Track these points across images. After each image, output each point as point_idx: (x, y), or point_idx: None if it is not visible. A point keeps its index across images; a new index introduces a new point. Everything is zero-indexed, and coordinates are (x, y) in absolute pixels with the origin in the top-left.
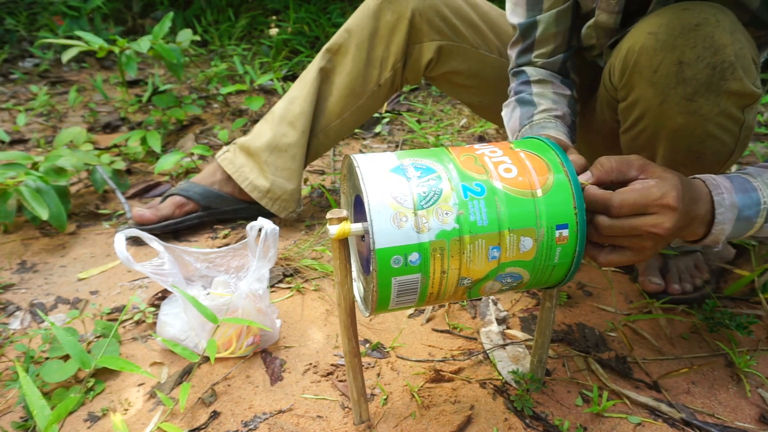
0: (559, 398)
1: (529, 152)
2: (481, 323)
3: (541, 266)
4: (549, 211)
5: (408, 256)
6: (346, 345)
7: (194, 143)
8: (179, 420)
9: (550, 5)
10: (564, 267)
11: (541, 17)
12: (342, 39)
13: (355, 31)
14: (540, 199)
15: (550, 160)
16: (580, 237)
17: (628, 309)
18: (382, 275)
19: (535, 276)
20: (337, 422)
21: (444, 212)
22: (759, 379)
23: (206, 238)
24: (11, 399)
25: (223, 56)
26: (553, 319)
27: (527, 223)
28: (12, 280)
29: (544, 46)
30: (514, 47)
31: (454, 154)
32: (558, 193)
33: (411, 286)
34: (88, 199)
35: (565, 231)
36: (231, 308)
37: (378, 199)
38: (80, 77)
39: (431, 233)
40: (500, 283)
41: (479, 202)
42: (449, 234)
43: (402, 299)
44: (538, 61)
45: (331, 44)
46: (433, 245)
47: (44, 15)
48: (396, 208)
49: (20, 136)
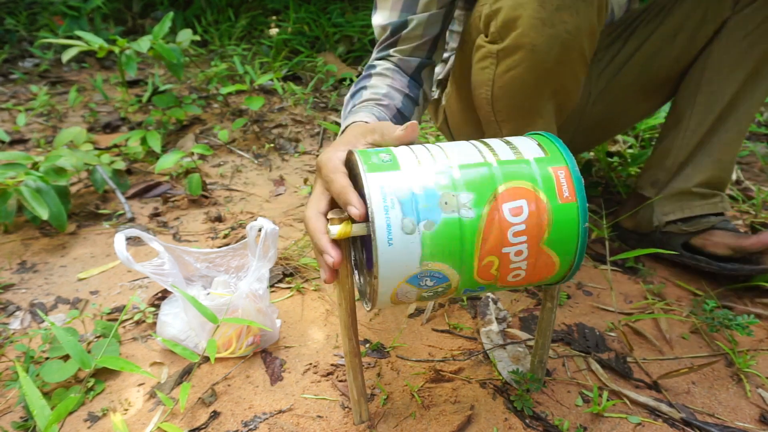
0: (559, 398)
1: (552, 254)
2: (481, 323)
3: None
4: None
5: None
6: (347, 345)
7: (194, 143)
8: (179, 420)
9: (424, 8)
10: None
11: (412, 17)
12: None
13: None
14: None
15: (563, 262)
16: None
17: (628, 309)
18: (382, 297)
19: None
20: (337, 422)
21: (439, 301)
22: (759, 379)
23: (206, 238)
24: (11, 399)
25: (223, 56)
26: (554, 319)
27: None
28: (12, 280)
29: (406, 43)
30: (380, 45)
31: (477, 254)
32: (549, 280)
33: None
34: (88, 199)
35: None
36: (231, 308)
37: (384, 299)
38: (80, 77)
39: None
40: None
41: (474, 291)
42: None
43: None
44: (394, 57)
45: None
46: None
47: (44, 15)
48: (396, 303)
49: (20, 136)
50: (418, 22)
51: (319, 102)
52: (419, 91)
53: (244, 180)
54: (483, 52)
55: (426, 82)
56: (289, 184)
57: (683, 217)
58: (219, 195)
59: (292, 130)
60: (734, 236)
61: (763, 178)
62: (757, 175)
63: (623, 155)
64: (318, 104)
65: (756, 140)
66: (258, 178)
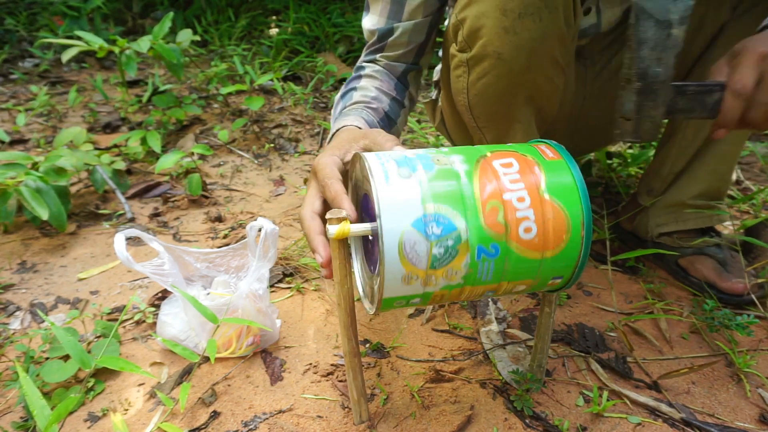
0: (559, 398)
1: (557, 204)
2: (481, 323)
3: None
4: (551, 267)
5: (410, 299)
6: (346, 345)
7: (194, 143)
8: (179, 420)
9: (409, 16)
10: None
11: (398, 24)
12: None
13: None
14: (547, 260)
15: (573, 215)
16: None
17: (628, 309)
18: (385, 305)
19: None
20: (337, 422)
21: (454, 272)
22: (759, 379)
23: (206, 238)
24: (11, 399)
25: (223, 56)
26: (552, 324)
27: (527, 275)
28: (12, 280)
29: (392, 50)
30: (368, 48)
31: (477, 197)
32: (566, 255)
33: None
34: (88, 199)
35: (558, 280)
36: (231, 308)
37: (393, 258)
38: (80, 77)
39: (437, 287)
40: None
41: (490, 264)
42: (453, 286)
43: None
44: (382, 61)
45: None
46: (435, 293)
47: (44, 15)
48: (409, 269)
49: (20, 136)
50: (404, 30)
51: (319, 102)
52: (405, 94)
53: (244, 180)
54: (456, 61)
55: (412, 85)
56: (289, 184)
57: (677, 229)
58: (219, 195)
59: (292, 130)
60: (715, 271)
61: (764, 178)
62: (757, 175)
63: (623, 155)
64: (318, 104)
65: (756, 140)
66: (258, 178)
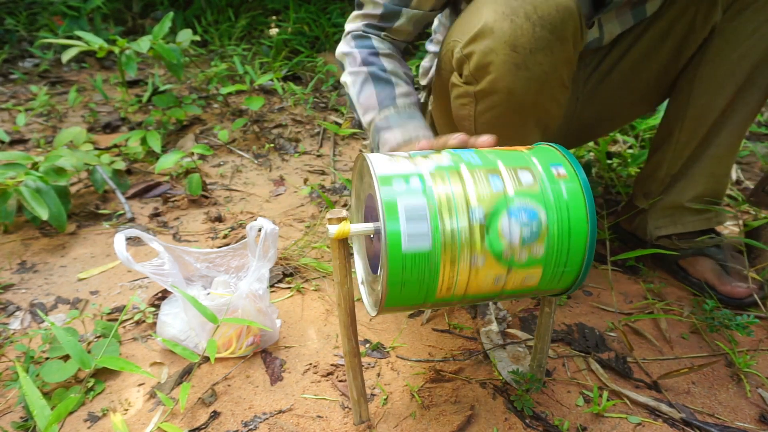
0: (559, 398)
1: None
2: (481, 323)
3: (553, 206)
4: (540, 157)
5: (410, 179)
6: (346, 345)
7: (194, 143)
8: (179, 420)
9: (417, 5)
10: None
11: (406, 11)
12: None
13: None
14: (529, 153)
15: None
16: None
17: (628, 309)
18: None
19: (552, 218)
20: (337, 422)
21: (438, 159)
22: (759, 379)
23: (206, 238)
24: (11, 399)
25: (223, 56)
26: (552, 324)
27: (519, 162)
28: (12, 280)
29: (395, 35)
30: (365, 19)
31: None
32: (547, 150)
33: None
34: (88, 199)
35: (561, 169)
36: (231, 308)
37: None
38: (80, 77)
39: (429, 167)
40: (518, 222)
41: (472, 156)
42: (446, 168)
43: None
44: (387, 39)
45: None
46: (432, 173)
47: (44, 15)
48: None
49: (20, 136)
50: (408, 19)
51: (319, 102)
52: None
53: (244, 180)
54: (459, 91)
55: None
56: (289, 184)
57: (676, 232)
58: (219, 195)
59: (292, 130)
60: (715, 273)
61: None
62: (757, 175)
63: (623, 155)
64: (318, 104)
65: (756, 140)
66: (258, 178)
